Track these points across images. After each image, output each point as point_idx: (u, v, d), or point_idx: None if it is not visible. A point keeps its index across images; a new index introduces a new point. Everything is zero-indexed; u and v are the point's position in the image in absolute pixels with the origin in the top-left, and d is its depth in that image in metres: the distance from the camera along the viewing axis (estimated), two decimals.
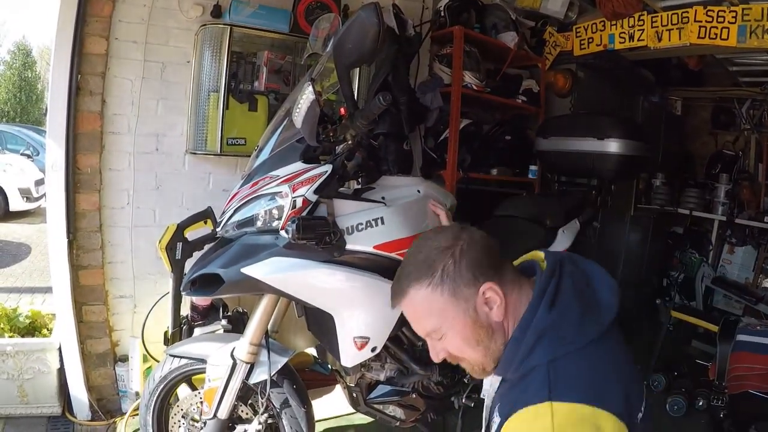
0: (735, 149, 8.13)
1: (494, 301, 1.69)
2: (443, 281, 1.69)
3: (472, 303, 1.69)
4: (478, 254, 1.72)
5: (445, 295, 1.69)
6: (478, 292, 1.69)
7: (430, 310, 1.72)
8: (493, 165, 5.58)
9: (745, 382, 4.44)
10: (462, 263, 1.69)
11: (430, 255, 1.72)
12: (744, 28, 4.62)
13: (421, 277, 1.71)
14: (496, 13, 5.50)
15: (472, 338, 1.73)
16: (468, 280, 1.69)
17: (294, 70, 4.42)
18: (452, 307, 1.70)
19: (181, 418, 3.21)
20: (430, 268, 1.70)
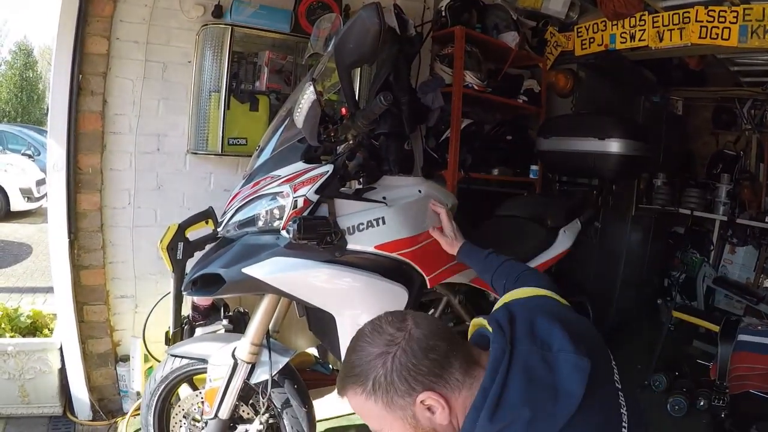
0: (736, 149, 8.11)
1: (436, 408, 1.56)
2: (376, 392, 1.57)
3: (409, 411, 1.57)
4: (415, 360, 1.55)
5: (380, 404, 1.58)
6: (415, 402, 1.55)
7: (369, 415, 1.64)
8: (494, 165, 5.59)
9: (747, 382, 4.44)
10: (394, 374, 1.55)
11: (362, 362, 1.59)
12: (745, 28, 4.62)
13: (355, 384, 1.60)
14: (497, 13, 5.50)
15: None
16: (403, 392, 1.55)
17: (295, 70, 4.42)
18: (389, 416, 1.59)
19: (183, 418, 3.21)
20: (362, 376, 1.58)
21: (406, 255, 2.72)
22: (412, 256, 2.75)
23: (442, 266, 3.00)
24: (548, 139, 5.20)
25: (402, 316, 1.65)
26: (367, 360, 1.58)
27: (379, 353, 1.56)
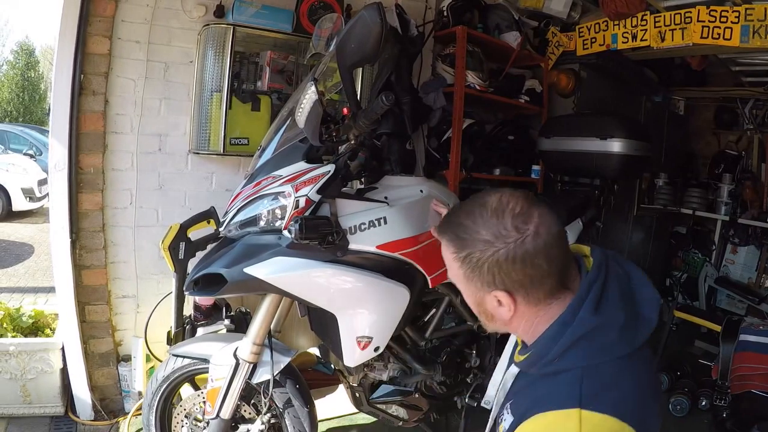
0: (738, 149, 8.12)
1: (503, 305, 1.63)
2: (464, 263, 1.62)
3: (482, 293, 1.65)
4: (512, 266, 1.55)
5: (461, 271, 1.65)
6: (490, 292, 1.62)
7: (450, 267, 1.72)
8: (495, 165, 5.59)
9: (748, 382, 4.44)
10: (487, 264, 1.57)
11: (469, 233, 1.60)
12: (747, 28, 4.61)
13: (452, 242, 1.66)
14: (499, 13, 5.51)
15: (475, 308, 1.75)
16: (485, 281, 1.61)
17: (297, 69, 4.42)
18: (465, 281, 1.67)
19: (184, 417, 3.21)
20: (462, 242, 1.62)
21: (407, 255, 2.71)
22: (414, 255, 2.75)
23: (443, 266, 2.99)
24: (550, 138, 5.20)
25: (529, 214, 1.57)
26: (473, 234, 1.60)
27: (486, 240, 1.57)
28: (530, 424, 1.53)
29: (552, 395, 1.54)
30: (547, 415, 1.50)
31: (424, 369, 3.14)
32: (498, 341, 3.45)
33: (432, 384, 3.32)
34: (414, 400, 3.25)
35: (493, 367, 3.43)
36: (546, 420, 1.50)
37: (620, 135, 4.64)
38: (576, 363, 1.55)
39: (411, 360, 3.11)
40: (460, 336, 3.41)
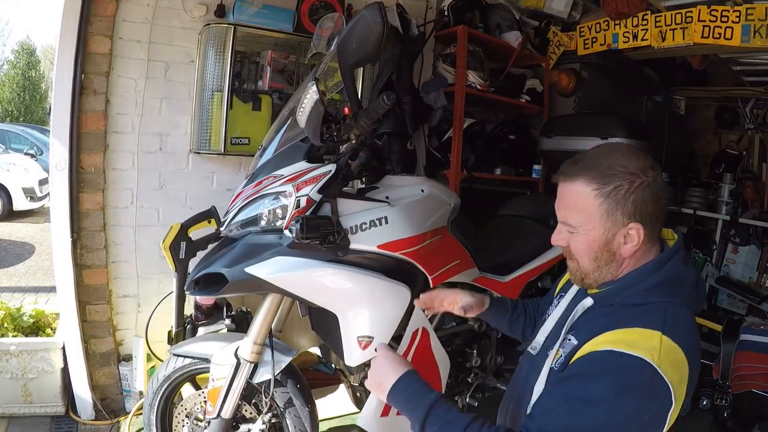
0: (739, 149, 8.11)
1: (632, 240, 1.82)
2: (608, 196, 1.78)
3: (616, 229, 1.82)
4: (650, 198, 1.78)
5: (602, 207, 1.80)
6: (627, 225, 1.80)
7: (581, 208, 1.84)
8: (496, 164, 5.59)
9: (749, 382, 4.44)
10: (633, 195, 1.77)
11: (614, 168, 1.78)
12: (748, 28, 4.61)
13: (595, 179, 1.80)
14: (499, 12, 5.51)
15: (595, 252, 1.88)
16: (626, 212, 1.78)
17: (298, 69, 4.42)
18: (599, 220, 1.82)
19: (185, 417, 3.21)
20: (608, 178, 1.78)
21: (408, 254, 2.71)
22: (415, 255, 2.75)
23: (444, 266, 3.00)
24: (551, 138, 5.21)
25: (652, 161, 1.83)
26: (619, 168, 1.78)
27: (632, 172, 1.77)
28: (614, 335, 1.72)
29: (638, 317, 1.75)
30: (633, 330, 1.71)
31: None
32: (499, 341, 3.45)
33: None
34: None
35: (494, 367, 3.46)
36: (631, 333, 1.70)
37: (621, 134, 4.64)
38: (662, 298, 1.79)
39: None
40: (461, 336, 3.42)
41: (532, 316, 2.62)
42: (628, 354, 1.64)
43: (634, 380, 1.62)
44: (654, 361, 1.61)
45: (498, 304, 2.66)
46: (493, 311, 2.63)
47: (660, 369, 1.61)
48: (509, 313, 2.63)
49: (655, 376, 1.61)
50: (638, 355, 1.62)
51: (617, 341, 1.69)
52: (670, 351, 1.66)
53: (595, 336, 1.77)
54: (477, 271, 3.30)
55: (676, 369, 1.66)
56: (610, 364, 1.66)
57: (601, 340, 1.74)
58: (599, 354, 1.70)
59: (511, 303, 2.68)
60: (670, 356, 1.66)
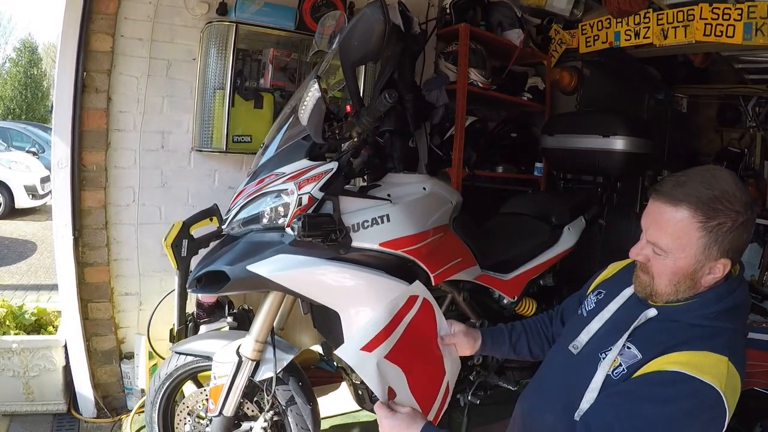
0: (741, 146, 8.12)
1: (717, 272, 1.83)
2: (710, 231, 1.77)
3: (706, 261, 1.81)
4: (743, 237, 1.79)
5: (701, 240, 1.78)
6: (718, 260, 1.80)
7: (678, 236, 1.82)
8: (498, 162, 5.60)
9: (751, 380, 4.42)
10: (733, 233, 1.76)
11: (722, 202, 1.75)
12: (749, 26, 4.60)
13: (701, 210, 1.77)
14: (501, 10, 5.51)
15: (678, 276, 1.87)
16: (722, 248, 1.78)
17: (300, 67, 4.42)
18: (693, 251, 1.80)
19: (187, 415, 3.21)
20: (715, 212, 1.75)
21: (410, 252, 2.71)
22: (417, 253, 2.75)
23: (446, 264, 3.00)
24: (553, 136, 5.20)
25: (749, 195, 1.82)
26: (727, 204, 1.75)
27: (738, 210, 1.76)
28: (683, 356, 1.74)
29: (705, 340, 1.78)
30: (702, 354, 1.74)
31: None
32: None
33: None
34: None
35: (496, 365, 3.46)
36: (701, 356, 1.73)
37: (623, 133, 4.64)
38: (728, 323, 1.83)
39: None
40: None
41: (538, 331, 2.64)
42: (698, 379, 1.67)
43: (700, 406, 1.67)
44: (721, 389, 1.65)
45: (493, 334, 2.66)
46: (490, 342, 2.63)
47: (725, 396, 1.65)
48: (507, 338, 2.64)
49: (719, 403, 1.66)
50: (707, 382, 1.66)
51: (687, 363, 1.71)
52: (733, 377, 1.71)
53: (662, 353, 1.79)
54: (479, 269, 3.30)
55: (734, 395, 1.71)
56: (681, 388, 1.69)
57: (670, 360, 1.76)
58: (668, 375, 1.72)
59: (506, 328, 2.68)
60: (733, 382, 1.70)
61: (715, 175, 1.81)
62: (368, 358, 2.36)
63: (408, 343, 2.51)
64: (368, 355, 2.37)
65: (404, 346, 2.49)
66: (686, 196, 1.78)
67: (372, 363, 2.35)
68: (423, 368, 2.55)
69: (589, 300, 2.29)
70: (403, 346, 2.49)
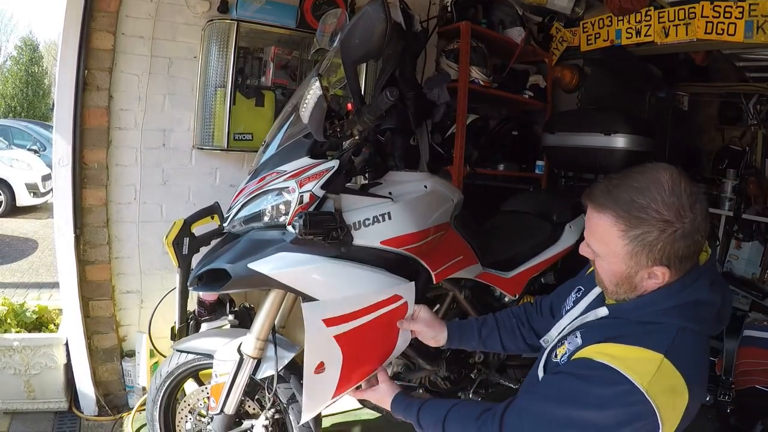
0: (742, 144, 8.10)
1: (656, 278, 1.79)
2: (633, 240, 1.73)
3: (639, 268, 1.79)
4: (681, 245, 1.72)
5: (626, 249, 1.76)
6: (651, 267, 1.77)
7: (604, 242, 1.82)
8: (499, 160, 5.60)
9: (752, 378, 4.43)
10: (663, 242, 1.71)
11: (648, 210, 1.70)
12: (751, 24, 4.60)
13: (623, 218, 1.74)
14: (502, 8, 5.51)
15: (616, 278, 1.86)
16: (652, 258, 1.74)
17: (301, 65, 4.42)
18: (620, 257, 1.79)
19: (188, 413, 3.22)
20: (637, 220, 1.72)
21: (411, 250, 2.72)
22: (418, 251, 2.75)
23: (447, 261, 3.00)
24: (554, 134, 5.21)
25: (696, 192, 1.73)
26: (653, 213, 1.70)
27: (666, 219, 1.69)
28: (614, 348, 1.75)
29: (644, 336, 1.76)
30: (634, 349, 1.73)
31: (429, 364, 3.14)
32: None
33: (436, 379, 3.32)
34: (418, 396, 3.25)
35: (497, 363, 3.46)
36: (631, 351, 1.72)
37: (624, 131, 4.65)
38: (676, 321, 1.77)
39: (415, 356, 3.11)
40: None
41: (513, 328, 2.62)
42: (619, 372, 1.67)
43: (618, 399, 1.67)
44: (643, 386, 1.64)
45: (460, 324, 2.68)
46: (457, 332, 2.64)
47: (648, 394, 1.64)
48: (477, 332, 2.65)
49: (640, 400, 1.64)
50: (628, 377, 1.66)
51: (613, 356, 1.73)
52: (666, 376, 1.68)
53: (598, 342, 1.81)
54: (480, 267, 3.30)
55: (669, 395, 1.68)
56: (602, 376, 1.71)
57: (600, 349, 1.78)
58: (594, 363, 1.75)
59: (476, 321, 2.70)
60: (666, 382, 1.67)
61: (652, 179, 1.75)
62: (322, 330, 2.45)
63: (365, 333, 2.57)
64: (323, 328, 2.45)
65: (359, 335, 2.55)
66: (611, 202, 1.77)
67: (322, 336, 2.45)
68: (362, 360, 2.62)
69: (570, 298, 2.31)
70: (359, 334, 2.55)
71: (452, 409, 2.12)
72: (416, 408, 2.27)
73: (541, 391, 1.90)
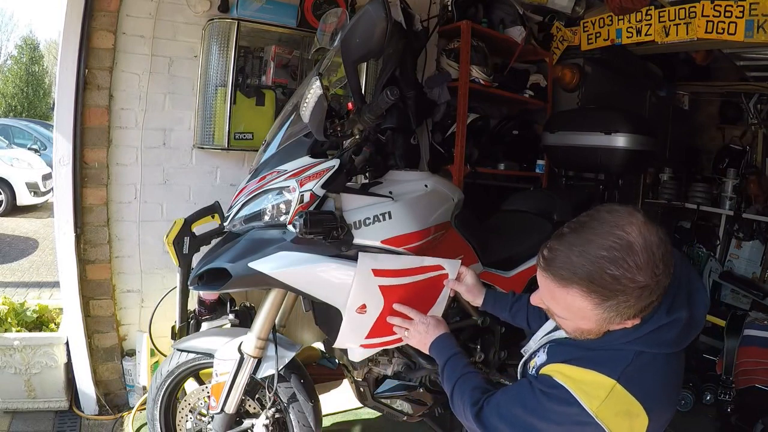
0: (742, 144, 8.12)
1: (624, 326, 1.73)
2: (608, 309, 1.65)
3: (609, 325, 1.73)
4: (654, 297, 1.65)
5: (600, 316, 1.69)
6: (623, 323, 1.71)
7: (573, 311, 1.74)
8: (500, 159, 5.60)
9: (753, 377, 4.44)
10: (637, 305, 1.64)
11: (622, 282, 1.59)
12: (751, 23, 4.61)
13: (596, 292, 1.63)
14: (503, 7, 5.50)
15: (582, 332, 1.81)
16: (627, 314, 1.67)
17: (301, 64, 4.43)
18: (593, 321, 1.72)
19: (189, 412, 3.22)
20: (611, 293, 1.61)
21: (412, 250, 2.71)
22: (419, 250, 2.74)
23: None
24: (554, 133, 5.21)
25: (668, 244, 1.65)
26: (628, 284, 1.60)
27: (643, 286, 1.60)
28: (571, 370, 1.77)
29: (600, 360, 1.75)
30: (588, 372, 1.73)
31: (429, 364, 3.12)
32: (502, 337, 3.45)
33: (436, 379, 3.31)
34: (418, 395, 3.25)
35: (498, 362, 3.46)
36: (584, 374, 1.73)
37: (625, 130, 4.65)
38: (634, 347, 1.74)
39: (415, 355, 3.10)
40: (465, 331, 3.41)
41: (539, 311, 2.62)
42: (571, 394, 1.71)
43: (571, 419, 1.71)
44: (592, 410, 1.66)
45: (497, 295, 2.78)
46: (492, 300, 2.74)
47: (597, 418, 1.66)
48: (509, 304, 2.72)
49: (590, 422, 1.67)
50: (578, 400, 1.68)
51: (569, 377, 1.75)
52: (619, 401, 1.67)
53: (558, 362, 1.84)
54: (481, 266, 3.29)
55: (624, 418, 1.68)
56: (557, 395, 1.74)
57: (559, 368, 1.80)
58: (553, 381, 1.78)
59: (512, 296, 2.76)
60: (618, 407, 1.67)
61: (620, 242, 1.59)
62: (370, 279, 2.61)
63: (407, 291, 2.69)
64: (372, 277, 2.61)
65: (402, 291, 2.68)
66: (578, 277, 1.64)
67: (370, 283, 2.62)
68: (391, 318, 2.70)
69: None
70: (402, 290, 2.68)
71: (464, 376, 2.23)
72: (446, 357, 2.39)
73: (515, 393, 1.95)
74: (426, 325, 2.55)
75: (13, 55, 38.73)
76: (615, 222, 1.63)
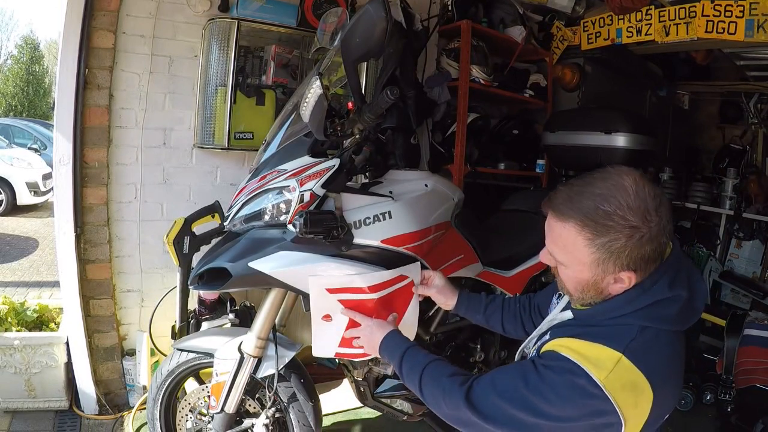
0: (742, 143, 8.12)
1: (622, 283, 1.78)
2: (600, 248, 1.72)
3: (605, 275, 1.78)
4: (648, 248, 1.72)
5: (593, 256, 1.75)
6: (618, 273, 1.76)
7: (569, 250, 1.81)
8: (500, 159, 5.60)
9: (753, 377, 4.44)
10: (630, 248, 1.70)
11: (613, 217, 1.69)
12: (752, 23, 4.61)
13: (588, 227, 1.72)
14: (503, 7, 5.50)
15: (582, 285, 1.86)
16: (620, 263, 1.73)
17: (301, 64, 4.43)
18: (588, 266, 1.78)
19: (189, 412, 3.22)
20: (603, 227, 1.70)
21: (412, 249, 2.71)
22: (419, 250, 2.75)
23: (448, 260, 3.00)
24: (554, 133, 5.20)
25: (660, 194, 1.74)
26: (619, 220, 1.68)
27: (633, 225, 1.68)
28: (577, 344, 1.79)
29: (606, 334, 1.77)
30: (594, 346, 1.75)
31: None
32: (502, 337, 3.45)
33: None
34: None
35: (498, 362, 3.46)
36: (592, 348, 1.75)
37: (625, 129, 4.65)
38: (638, 321, 1.77)
39: None
40: (465, 330, 3.42)
41: (515, 313, 2.64)
42: (578, 365, 1.71)
43: (577, 391, 1.70)
44: (600, 380, 1.67)
45: (470, 296, 2.74)
46: (465, 302, 2.71)
47: (606, 389, 1.66)
48: (483, 307, 2.70)
49: (597, 395, 1.67)
50: (586, 370, 1.69)
51: (575, 351, 1.76)
52: (625, 373, 1.69)
53: (562, 337, 1.86)
54: (481, 266, 3.30)
55: (630, 392, 1.69)
56: (562, 367, 1.75)
57: (564, 343, 1.82)
58: (558, 355, 1.80)
59: (485, 298, 2.74)
60: (625, 379, 1.69)
61: (615, 184, 1.73)
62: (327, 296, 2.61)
63: (369, 306, 2.64)
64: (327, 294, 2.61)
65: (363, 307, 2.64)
66: (575, 211, 1.75)
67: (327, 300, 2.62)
68: None
69: (552, 304, 2.32)
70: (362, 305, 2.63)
71: (430, 364, 2.16)
72: (400, 353, 2.28)
73: (513, 369, 1.94)
74: (370, 327, 2.50)
75: (14, 54, 38.84)
76: (614, 172, 1.76)
